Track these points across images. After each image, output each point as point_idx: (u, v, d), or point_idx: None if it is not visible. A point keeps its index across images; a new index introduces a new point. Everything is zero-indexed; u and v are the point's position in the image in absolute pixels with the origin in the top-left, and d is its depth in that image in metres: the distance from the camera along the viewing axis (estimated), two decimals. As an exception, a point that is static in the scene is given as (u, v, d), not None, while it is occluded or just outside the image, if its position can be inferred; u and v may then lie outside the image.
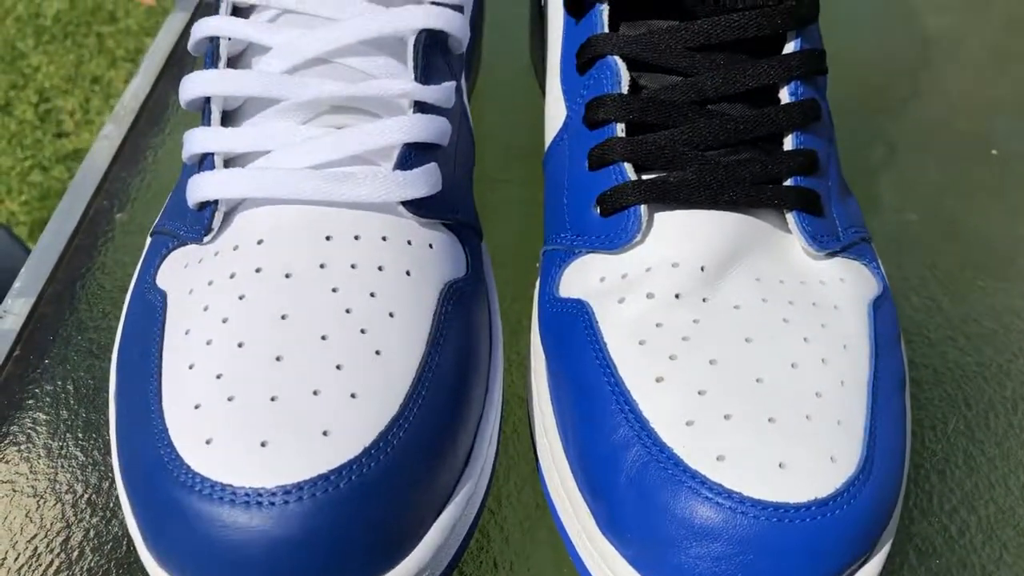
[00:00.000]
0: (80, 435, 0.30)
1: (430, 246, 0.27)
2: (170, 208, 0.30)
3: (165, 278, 0.27)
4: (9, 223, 1.26)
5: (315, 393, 0.23)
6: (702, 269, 0.26)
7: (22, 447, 0.30)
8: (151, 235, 0.30)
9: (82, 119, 1.44)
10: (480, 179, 0.34)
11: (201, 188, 0.27)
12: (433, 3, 0.29)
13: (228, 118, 0.28)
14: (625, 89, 0.28)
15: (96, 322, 0.34)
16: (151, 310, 0.27)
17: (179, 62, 0.45)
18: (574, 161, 0.29)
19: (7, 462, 0.30)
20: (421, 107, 0.27)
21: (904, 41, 0.48)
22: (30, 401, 0.31)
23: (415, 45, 0.28)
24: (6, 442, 0.30)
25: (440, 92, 0.28)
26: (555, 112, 0.31)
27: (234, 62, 0.29)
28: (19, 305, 0.34)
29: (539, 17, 0.37)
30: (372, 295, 0.25)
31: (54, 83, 1.50)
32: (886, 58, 0.48)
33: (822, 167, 0.29)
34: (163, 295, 0.27)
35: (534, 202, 0.38)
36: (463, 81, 0.31)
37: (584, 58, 0.29)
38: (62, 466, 0.29)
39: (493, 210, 0.36)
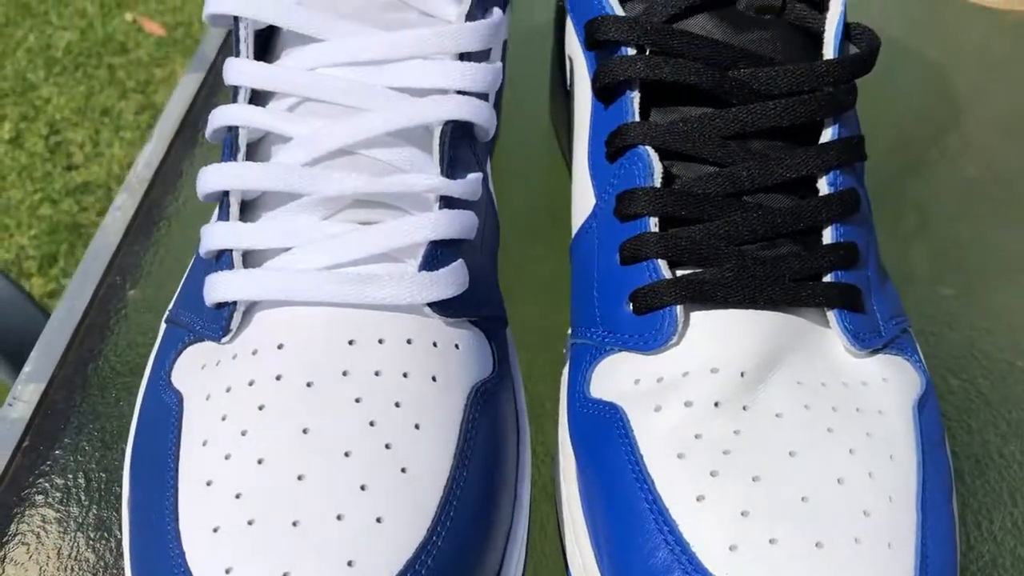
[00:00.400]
0: (92, 535, 0.29)
1: (456, 346, 0.26)
2: (185, 295, 0.29)
3: (181, 376, 0.26)
4: (19, 257, 1.26)
5: (339, 518, 0.22)
6: (742, 375, 0.25)
7: (31, 548, 0.29)
8: (165, 322, 0.29)
9: (92, 151, 1.44)
10: (500, 251, 0.33)
11: (219, 288, 0.26)
12: (459, 92, 0.28)
13: (247, 208, 0.28)
14: (658, 182, 0.27)
15: (109, 409, 0.33)
16: (166, 412, 0.26)
17: (193, 125, 0.45)
18: (604, 253, 0.28)
19: (16, 563, 0.28)
20: (447, 202, 0.27)
21: (934, 105, 0.47)
22: (39, 496, 0.30)
23: (441, 137, 0.27)
24: (14, 542, 0.29)
25: (467, 186, 0.27)
26: (583, 198, 0.30)
27: (253, 149, 0.28)
28: (29, 391, 0.33)
29: (563, 89, 0.36)
30: (397, 405, 0.24)
31: (64, 115, 1.50)
32: (916, 123, 0.47)
33: (862, 258, 0.28)
34: (179, 397, 0.26)
35: (557, 275, 0.37)
36: (488, 166, 0.30)
37: (614, 147, 0.28)
38: (72, 570, 0.28)
39: (514, 285, 0.35)
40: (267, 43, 0.30)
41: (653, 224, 0.27)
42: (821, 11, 0.30)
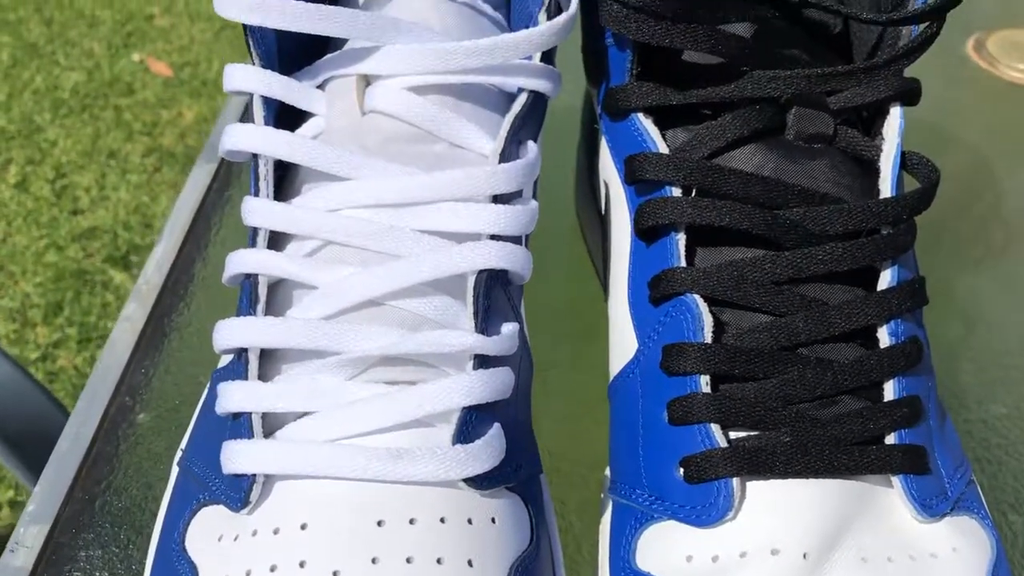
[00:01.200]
0: None
1: (493, 520, 0.24)
2: (199, 440, 0.27)
3: (195, 545, 0.24)
4: (24, 305, 1.24)
5: None
6: (804, 556, 0.23)
7: None
8: (178, 465, 0.27)
9: (98, 195, 1.43)
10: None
11: (237, 460, 0.24)
12: (492, 237, 0.26)
13: (265, 358, 0.26)
14: (708, 336, 0.25)
15: (118, 553, 0.31)
16: (180, 588, 0.24)
17: (206, 222, 0.43)
18: (650, 408, 0.26)
19: None
20: (482, 360, 0.25)
21: (977, 193, 0.46)
22: (43, 660, 0.28)
23: (475, 287, 0.25)
24: None
25: (503, 342, 0.25)
26: (623, 339, 0.28)
27: (273, 291, 0.27)
28: (32, 535, 0.31)
29: (593, 206, 0.34)
30: (432, 598, 0.22)
31: (71, 158, 1.49)
32: (957, 213, 0.45)
33: (924, 410, 0.26)
34: (194, 571, 0.24)
35: (586, 391, 0.35)
36: (522, 307, 0.29)
37: (659, 292, 0.26)
38: None
39: (540, 403, 0.33)
40: (286, 173, 0.28)
41: (704, 383, 0.25)
42: (873, 136, 0.29)
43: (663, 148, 0.27)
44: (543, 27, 0.27)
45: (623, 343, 0.28)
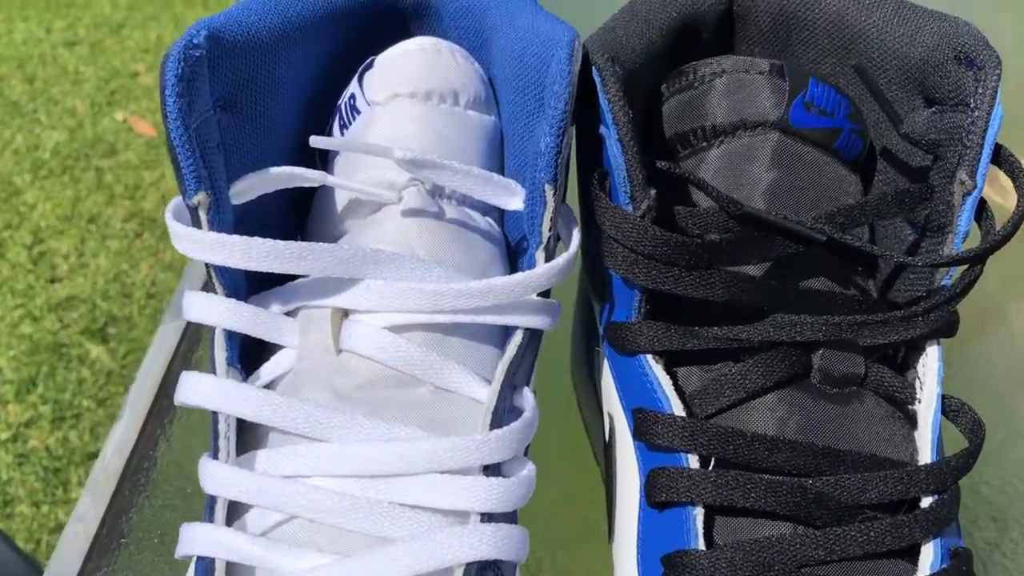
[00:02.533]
0: None
1: None
2: None
3: None
4: (-5, 382, 1.21)
5: None
6: None
7: None
8: None
9: (76, 263, 1.40)
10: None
11: None
12: (483, 516, 0.23)
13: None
14: (732, 644, 0.22)
15: None
16: None
17: (171, 394, 0.39)
18: None
19: None
20: None
21: (1000, 367, 0.43)
22: None
23: (462, 585, 0.22)
24: None
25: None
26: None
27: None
28: None
29: (598, 421, 0.31)
30: None
31: (49, 222, 1.46)
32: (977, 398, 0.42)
33: None
34: None
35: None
36: (517, 576, 0.25)
37: (673, 576, 0.23)
38: None
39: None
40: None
41: None
42: (905, 371, 0.26)
43: (676, 405, 0.24)
44: (540, 270, 0.24)
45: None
